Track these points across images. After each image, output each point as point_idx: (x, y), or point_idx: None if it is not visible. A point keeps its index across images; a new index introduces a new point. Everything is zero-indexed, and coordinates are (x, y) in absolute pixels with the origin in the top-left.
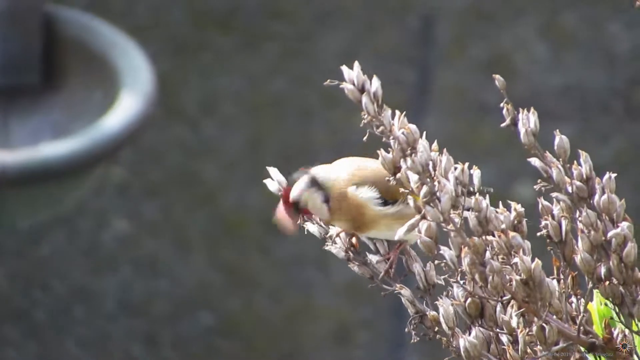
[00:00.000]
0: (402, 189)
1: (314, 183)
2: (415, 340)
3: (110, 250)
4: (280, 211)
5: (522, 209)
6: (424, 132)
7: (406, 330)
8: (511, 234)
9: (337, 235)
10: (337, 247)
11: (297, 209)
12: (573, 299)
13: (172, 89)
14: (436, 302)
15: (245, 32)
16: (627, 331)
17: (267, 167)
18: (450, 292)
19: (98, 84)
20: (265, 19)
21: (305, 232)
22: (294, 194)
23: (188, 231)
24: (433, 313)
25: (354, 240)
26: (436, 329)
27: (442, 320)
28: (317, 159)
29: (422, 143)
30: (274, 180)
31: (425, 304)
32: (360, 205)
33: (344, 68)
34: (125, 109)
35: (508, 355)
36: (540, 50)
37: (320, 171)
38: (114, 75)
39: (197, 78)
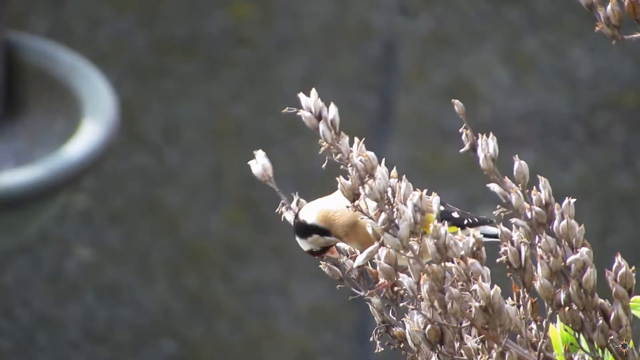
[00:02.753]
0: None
1: (305, 230)
2: (380, 351)
3: (74, 278)
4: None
5: (481, 236)
6: (383, 159)
7: (371, 339)
8: (470, 260)
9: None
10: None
11: (315, 254)
12: (533, 325)
13: (134, 115)
14: (402, 319)
15: (206, 58)
16: (587, 357)
17: (253, 151)
18: (412, 315)
19: (60, 112)
20: (226, 45)
21: (282, 220)
22: (305, 249)
23: (151, 258)
24: (399, 330)
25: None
26: (402, 345)
27: (408, 337)
28: (279, 187)
29: (381, 170)
30: (258, 164)
31: (392, 314)
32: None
33: (302, 95)
34: (87, 137)
35: None
36: (501, 76)
37: (306, 213)
38: (76, 102)
39: (159, 105)
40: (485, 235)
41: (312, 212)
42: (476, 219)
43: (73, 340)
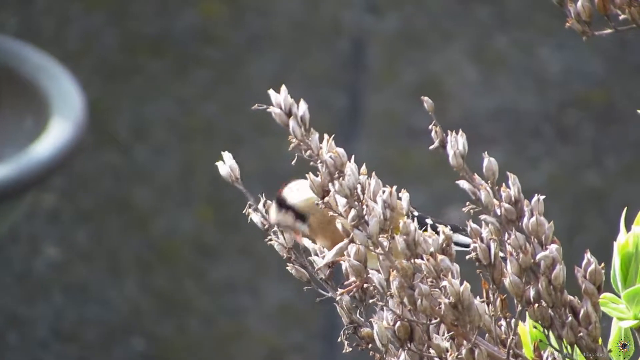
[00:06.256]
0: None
1: (282, 205)
2: (348, 351)
3: (42, 277)
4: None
5: (451, 232)
6: (353, 156)
7: (339, 340)
8: (440, 257)
9: (281, 231)
10: (279, 244)
11: (280, 227)
12: (502, 322)
13: (103, 114)
14: (370, 319)
15: (176, 57)
16: (556, 354)
17: (222, 152)
18: (380, 314)
19: (28, 111)
20: (196, 44)
21: (249, 221)
22: (272, 220)
23: (120, 257)
24: (367, 330)
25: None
26: (370, 345)
27: (376, 337)
28: (246, 186)
29: (350, 166)
30: (226, 165)
31: (359, 314)
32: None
33: (271, 92)
34: (55, 136)
35: None
36: (471, 74)
37: (289, 192)
38: (44, 101)
39: (128, 103)
40: (457, 244)
41: (300, 193)
42: (449, 227)
43: (42, 340)
